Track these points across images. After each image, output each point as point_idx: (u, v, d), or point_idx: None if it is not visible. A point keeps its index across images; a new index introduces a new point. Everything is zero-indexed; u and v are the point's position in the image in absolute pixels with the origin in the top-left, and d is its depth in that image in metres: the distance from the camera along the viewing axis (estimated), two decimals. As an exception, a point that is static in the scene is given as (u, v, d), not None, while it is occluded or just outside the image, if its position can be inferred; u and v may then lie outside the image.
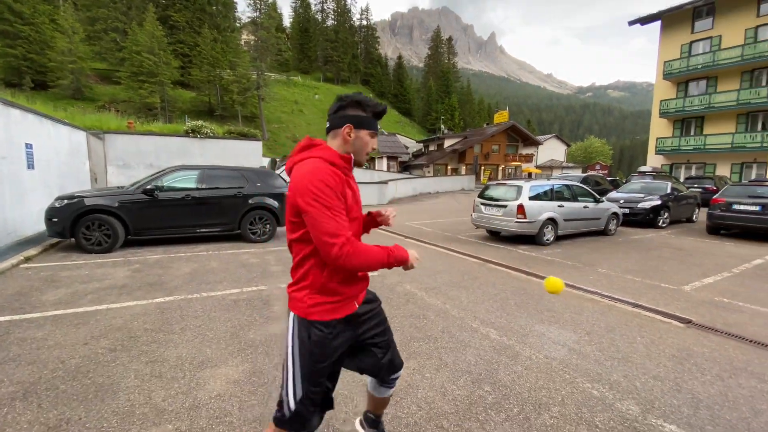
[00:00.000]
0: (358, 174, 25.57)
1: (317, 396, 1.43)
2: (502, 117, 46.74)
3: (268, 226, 7.88)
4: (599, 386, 2.61)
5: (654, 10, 26.99)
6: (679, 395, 2.51)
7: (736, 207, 8.66)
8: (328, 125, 1.41)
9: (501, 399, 2.43)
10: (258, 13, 47.00)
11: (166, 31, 41.37)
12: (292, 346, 1.40)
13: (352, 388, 2.50)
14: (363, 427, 1.94)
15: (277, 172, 8.43)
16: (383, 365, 1.61)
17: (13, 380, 2.49)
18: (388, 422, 2.18)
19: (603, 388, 2.58)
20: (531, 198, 7.66)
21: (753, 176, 22.08)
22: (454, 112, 74.81)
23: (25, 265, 5.45)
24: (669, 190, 10.72)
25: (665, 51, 26.54)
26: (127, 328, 3.36)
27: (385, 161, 40.83)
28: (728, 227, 9.00)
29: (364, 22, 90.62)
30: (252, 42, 45.19)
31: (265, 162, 12.08)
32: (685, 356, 3.08)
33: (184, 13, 46.69)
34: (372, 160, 44.71)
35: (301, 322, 1.38)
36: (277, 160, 8.87)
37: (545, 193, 7.97)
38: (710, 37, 24.39)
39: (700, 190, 14.79)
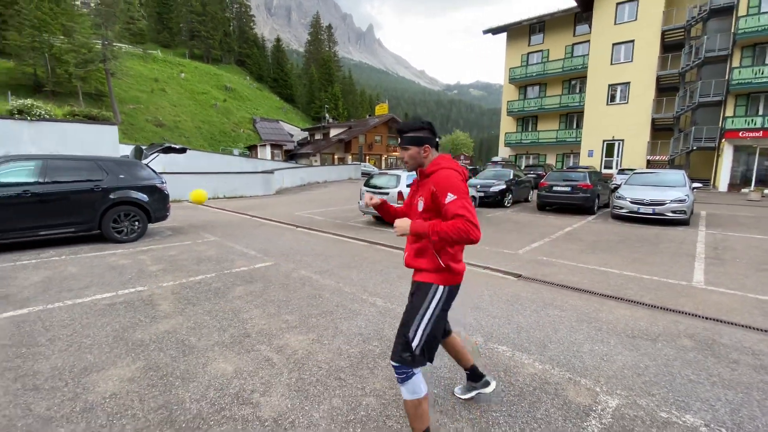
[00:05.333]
0: (239, 164, 23.96)
1: None
2: (382, 109, 49.16)
3: (136, 223, 7.07)
4: (458, 328, 3.40)
5: (503, 22, 31.80)
6: (508, 326, 3.47)
7: (555, 188, 11.30)
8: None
9: (386, 349, 2.99)
10: (98, -30, 38.77)
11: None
12: None
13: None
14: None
15: (145, 162, 7.55)
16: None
17: None
18: (293, 384, 2.51)
19: (460, 329, 3.38)
20: (408, 185, 8.66)
21: (571, 164, 28.46)
22: (338, 101, 75.27)
23: None
24: (511, 176, 13.25)
25: (510, 59, 31.73)
26: (-31, 350, 2.86)
27: (268, 149, 38.96)
28: (551, 204, 11.67)
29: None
30: (93, 5, 36.98)
31: (126, 150, 10.47)
32: (515, 300, 4.17)
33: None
34: (254, 147, 42.16)
35: None
36: (144, 147, 7.96)
37: (420, 180, 9.09)
38: (541, 50, 30.12)
39: (534, 175, 18.59)
